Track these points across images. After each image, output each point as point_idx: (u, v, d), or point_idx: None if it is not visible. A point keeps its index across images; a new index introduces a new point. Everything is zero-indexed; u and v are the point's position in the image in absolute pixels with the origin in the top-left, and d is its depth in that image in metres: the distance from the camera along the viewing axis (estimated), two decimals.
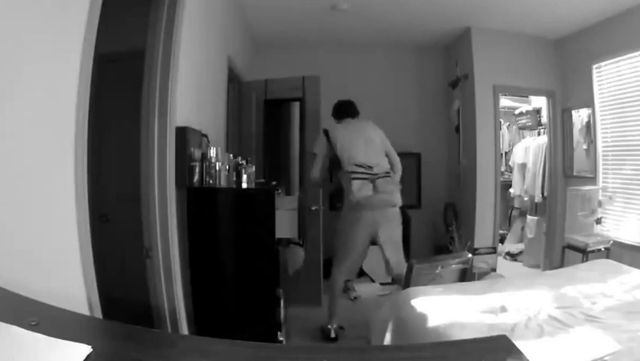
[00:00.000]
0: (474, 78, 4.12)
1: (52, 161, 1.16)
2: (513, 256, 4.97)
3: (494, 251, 4.08)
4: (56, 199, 1.18)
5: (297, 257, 3.05)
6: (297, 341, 2.75)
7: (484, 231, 4.13)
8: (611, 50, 3.60)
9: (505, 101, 5.07)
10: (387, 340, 2.00)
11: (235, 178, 2.19)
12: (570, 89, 4.18)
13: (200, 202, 2.05)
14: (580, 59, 3.98)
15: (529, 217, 4.90)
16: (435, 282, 2.46)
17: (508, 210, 5.52)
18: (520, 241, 5.11)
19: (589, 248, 3.40)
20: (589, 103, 3.88)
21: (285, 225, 2.11)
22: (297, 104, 3.68)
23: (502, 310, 1.90)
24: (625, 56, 3.49)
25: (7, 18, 0.95)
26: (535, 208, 4.88)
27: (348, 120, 3.08)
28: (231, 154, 2.30)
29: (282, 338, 2.21)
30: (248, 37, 4.15)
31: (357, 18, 3.86)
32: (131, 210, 1.94)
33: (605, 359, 1.44)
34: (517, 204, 5.41)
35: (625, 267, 2.47)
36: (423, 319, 1.84)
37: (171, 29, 1.89)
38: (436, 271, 2.55)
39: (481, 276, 3.75)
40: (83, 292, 1.25)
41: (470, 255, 2.81)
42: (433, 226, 4.61)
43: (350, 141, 2.95)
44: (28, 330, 0.65)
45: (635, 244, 3.41)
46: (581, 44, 3.98)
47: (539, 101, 4.98)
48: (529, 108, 5.31)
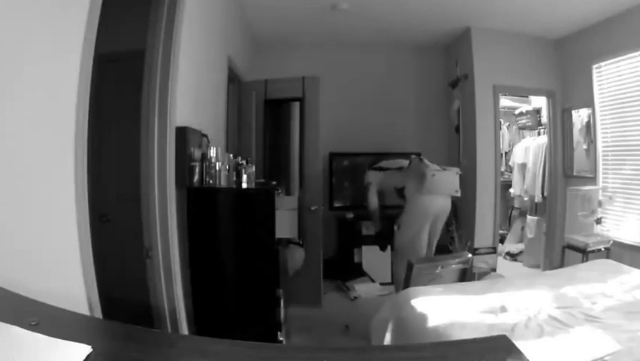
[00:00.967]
0: (474, 78, 4.12)
1: (52, 161, 1.16)
2: (513, 256, 4.97)
3: (494, 251, 4.08)
4: (56, 199, 1.18)
5: (297, 257, 3.05)
6: (297, 341, 2.75)
7: (484, 231, 4.13)
8: (611, 50, 3.60)
9: (505, 101, 5.07)
10: (387, 340, 2.00)
11: (235, 178, 2.19)
12: (570, 89, 4.18)
13: (200, 202, 2.05)
14: (580, 59, 3.98)
15: (529, 217, 4.90)
16: (435, 282, 2.46)
17: (508, 210, 5.52)
18: (520, 241, 5.11)
19: (589, 248, 3.40)
20: (589, 103, 3.88)
21: (285, 225, 2.11)
22: (297, 104, 3.68)
23: (502, 310, 1.90)
24: (625, 56, 3.49)
25: (7, 18, 0.95)
26: (535, 208, 4.88)
27: None
28: (231, 154, 2.30)
29: (282, 338, 2.21)
30: (248, 37, 4.15)
31: (357, 18, 3.86)
32: (131, 210, 1.94)
33: (605, 359, 1.44)
34: (517, 204, 5.41)
35: (625, 267, 2.48)
36: (423, 319, 1.84)
37: (171, 29, 1.89)
38: (436, 271, 2.55)
39: (481, 276, 3.75)
40: (83, 292, 1.25)
41: (470, 255, 2.81)
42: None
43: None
44: (28, 330, 0.65)
45: (635, 244, 3.41)
46: (581, 44, 3.98)
47: (539, 101, 4.98)
48: (529, 108, 5.31)
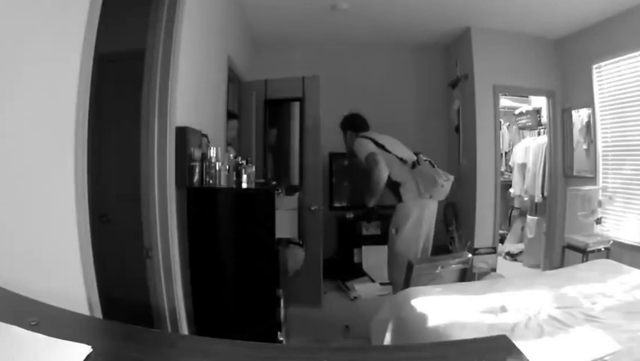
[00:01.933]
0: (474, 78, 4.12)
1: (52, 161, 1.16)
2: (513, 256, 4.97)
3: (494, 251, 4.08)
4: (56, 199, 1.18)
5: (297, 257, 3.05)
6: (297, 341, 2.75)
7: (484, 231, 4.13)
8: (611, 50, 3.60)
9: (505, 101, 5.07)
10: (387, 340, 2.00)
11: (235, 178, 2.18)
12: (570, 89, 4.18)
13: (200, 202, 2.05)
14: (580, 59, 3.98)
15: (529, 217, 4.90)
16: (435, 282, 2.46)
17: (508, 210, 5.52)
18: (520, 241, 5.11)
19: (589, 248, 3.40)
20: (589, 103, 3.88)
21: (285, 225, 2.11)
22: (297, 104, 3.68)
23: (502, 310, 1.90)
24: (625, 56, 3.49)
25: (7, 18, 0.95)
26: (535, 208, 4.88)
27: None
28: (231, 154, 2.30)
29: (282, 338, 2.21)
30: (248, 37, 4.15)
31: (357, 18, 3.86)
32: (131, 210, 1.94)
33: (605, 359, 1.44)
34: (517, 204, 5.41)
35: (625, 267, 2.47)
36: (423, 319, 1.84)
37: (171, 29, 1.89)
38: (436, 271, 2.55)
39: (481, 276, 3.75)
40: (83, 292, 1.25)
41: (470, 255, 2.81)
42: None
43: (394, 142, 3.07)
44: (28, 330, 0.65)
45: (635, 244, 3.41)
46: (581, 44, 3.98)
47: (539, 101, 4.98)
48: (529, 108, 5.31)
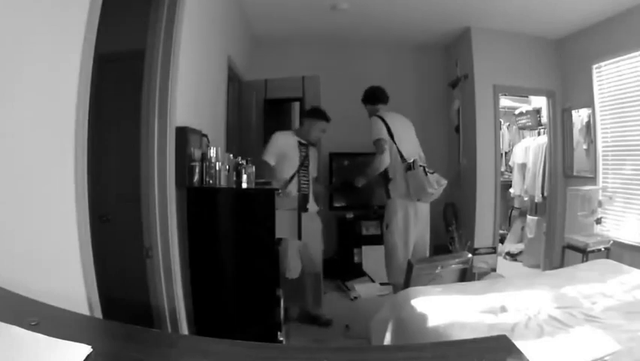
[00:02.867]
0: (474, 78, 4.12)
1: (52, 161, 1.16)
2: (513, 256, 4.97)
3: (494, 251, 4.08)
4: (56, 199, 1.18)
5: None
6: (297, 341, 2.75)
7: (484, 231, 4.13)
8: (611, 50, 3.60)
9: (505, 101, 5.07)
10: (387, 340, 2.00)
11: (235, 178, 2.18)
12: (570, 89, 4.18)
13: (200, 202, 2.05)
14: (580, 59, 3.99)
15: (529, 217, 4.90)
16: (435, 282, 2.46)
17: (508, 210, 5.52)
18: (520, 241, 5.11)
19: (589, 248, 3.40)
20: (589, 103, 3.88)
21: (285, 225, 2.10)
22: (297, 104, 3.69)
23: (502, 310, 1.90)
24: (625, 56, 3.49)
25: (7, 18, 0.95)
26: (535, 208, 4.88)
27: (383, 107, 3.10)
28: (231, 154, 2.30)
29: (282, 338, 2.21)
30: (248, 37, 4.15)
31: (357, 18, 3.86)
32: (131, 210, 1.94)
33: (605, 359, 1.44)
34: (517, 204, 5.41)
35: (625, 267, 2.48)
36: (423, 319, 1.84)
37: (171, 29, 1.89)
38: (436, 271, 2.55)
39: (481, 276, 3.75)
40: (83, 292, 1.25)
41: (470, 255, 2.81)
42: (433, 225, 4.60)
43: (404, 131, 3.03)
44: (28, 330, 0.65)
45: (635, 244, 3.41)
46: (581, 44, 3.98)
47: (539, 101, 4.98)
48: (529, 108, 5.31)
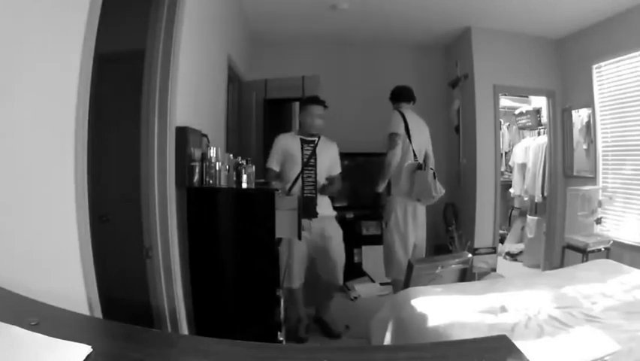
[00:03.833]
0: (474, 78, 4.12)
1: (52, 161, 1.16)
2: (513, 256, 4.97)
3: (494, 251, 4.08)
4: (56, 199, 1.18)
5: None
6: (297, 341, 2.74)
7: (484, 231, 4.13)
8: (611, 50, 3.60)
9: (505, 101, 5.07)
10: (387, 340, 2.00)
11: (235, 178, 2.18)
12: (570, 89, 4.18)
13: (200, 202, 2.05)
14: (580, 59, 3.99)
15: (529, 217, 4.90)
16: (435, 282, 2.46)
17: (508, 210, 5.52)
18: (520, 241, 5.11)
19: (589, 248, 3.40)
20: (589, 103, 3.88)
21: (285, 225, 2.11)
22: (297, 104, 3.68)
23: (502, 310, 1.90)
24: (625, 56, 3.49)
25: (7, 18, 0.95)
26: (535, 208, 4.88)
27: (406, 105, 3.18)
28: (231, 154, 2.30)
29: (282, 338, 2.21)
30: (248, 37, 4.15)
31: (357, 18, 3.86)
32: (131, 210, 1.94)
33: (605, 359, 1.44)
34: (517, 204, 5.41)
35: (625, 267, 2.48)
36: (423, 319, 1.84)
37: (171, 29, 1.89)
38: (436, 271, 2.55)
39: (481, 276, 3.75)
40: (83, 292, 1.25)
41: (470, 255, 2.81)
42: (432, 225, 4.60)
43: (420, 131, 3.11)
44: (28, 330, 0.65)
45: (635, 244, 3.41)
46: (581, 44, 3.98)
47: (539, 101, 4.98)
48: (529, 108, 5.31)
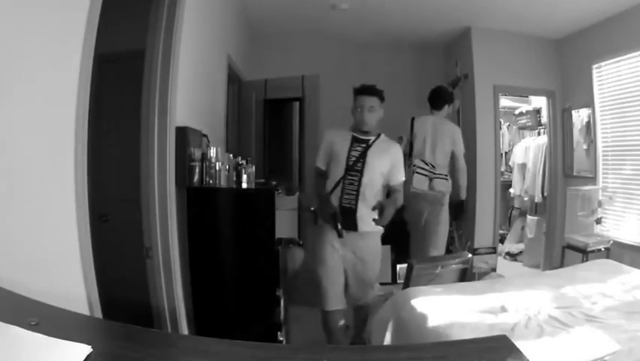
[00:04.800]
0: (474, 78, 4.12)
1: (52, 161, 1.16)
2: (513, 256, 4.97)
3: (494, 251, 4.08)
4: (56, 199, 1.18)
5: (296, 258, 3.05)
6: (297, 341, 2.74)
7: (484, 231, 4.13)
8: (611, 50, 3.60)
9: (505, 101, 5.07)
10: (387, 340, 2.00)
11: (235, 178, 2.18)
12: (570, 89, 4.18)
13: (200, 202, 2.05)
14: (580, 59, 3.98)
15: (529, 217, 4.90)
16: (435, 282, 2.46)
17: (508, 210, 5.52)
18: (520, 241, 5.11)
19: (589, 248, 3.40)
20: (589, 103, 3.88)
21: (285, 225, 2.11)
22: (297, 104, 3.68)
23: (502, 310, 1.90)
24: (625, 56, 3.49)
25: (7, 18, 0.95)
26: (535, 208, 4.88)
27: (433, 112, 3.30)
28: (231, 154, 2.30)
29: (282, 338, 2.21)
30: (248, 37, 4.15)
31: (357, 18, 3.86)
32: (131, 210, 1.94)
33: (605, 359, 1.44)
34: (517, 204, 5.40)
35: (625, 267, 2.47)
36: (423, 319, 1.84)
37: (171, 29, 1.89)
38: (436, 271, 2.54)
39: (481, 276, 3.75)
40: (82, 292, 1.25)
41: (470, 255, 2.81)
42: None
43: (424, 135, 3.21)
44: (28, 330, 0.65)
45: (635, 244, 3.41)
46: (581, 44, 3.98)
47: (539, 101, 4.98)
48: (529, 108, 5.31)
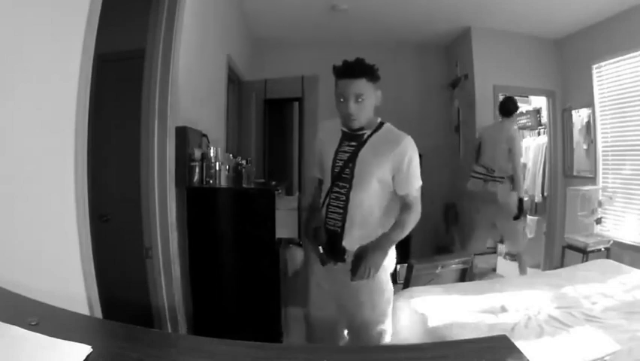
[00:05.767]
0: (474, 78, 4.12)
1: (52, 161, 1.16)
2: (513, 256, 4.96)
3: (494, 251, 4.08)
4: (56, 199, 1.18)
5: (296, 258, 3.05)
6: (297, 341, 2.74)
7: None
8: (611, 50, 3.60)
9: None
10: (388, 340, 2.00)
11: (235, 178, 2.19)
12: (570, 89, 4.18)
13: (200, 202, 2.05)
14: (580, 59, 3.98)
15: (529, 217, 4.89)
16: (435, 282, 2.46)
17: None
18: None
19: (589, 248, 3.40)
20: (589, 103, 3.88)
21: (285, 225, 2.11)
22: (297, 104, 3.69)
23: (502, 310, 1.90)
24: (625, 56, 3.49)
25: (7, 18, 0.95)
26: (535, 208, 4.88)
27: (503, 119, 3.54)
28: (231, 154, 2.30)
29: (282, 338, 2.21)
30: (248, 37, 4.15)
31: (357, 18, 3.86)
32: (131, 210, 1.94)
33: (605, 359, 1.44)
34: None
35: (625, 267, 2.47)
36: (423, 319, 1.84)
37: (171, 29, 1.89)
38: (436, 271, 2.55)
39: (481, 276, 3.75)
40: (82, 292, 1.25)
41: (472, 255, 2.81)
42: (433, 226, 4.60)
43: (487, 141, 3.54)
44: (28, 330, 0.65)
45: (635, 244, 3.41)
46: (581, 44, 3.98)
47: (539, 101, 4.98)
48: (529, 108, 5.31)
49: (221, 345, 0.71)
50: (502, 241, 4.98)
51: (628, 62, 3.48)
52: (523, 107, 5.37)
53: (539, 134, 5.08)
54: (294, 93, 3.56)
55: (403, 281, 2.54)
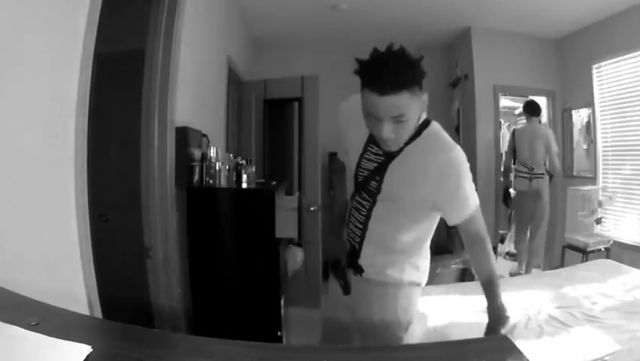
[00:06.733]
0: (474, 78, 4.12)
1: (52, 160, 1.16)
2: (513, 256, 4.96)
3: (494, 251, 4.08)
4: (56, 199, 1.18)
5: (296, 258, 3.05)
6: (297, 341, 2.74)
7: None
8: (611, 50, 3.60)
9: (505, 101, 5.06)
10: None
11: (235, 178, 2.19)
12: (570, 89, 4.18)
13: (200, 202, 2.05)
14: (580, 59, 3.98)
15: None
16: (435, 282, 2.46)
17: (508, 211, 5.51)
18: None
19: (589, 248, 3.40)
20: (589, 103, 3.88)
21: (285, 225, 2.11)
22: (296, 104, 3.68)
23: None
24: (625, 56, 3.49)
25: (7, 18, 0.95)
26: None
27: (530, 119, 3.83)
28: (231, 154, 2.30)
29: (282, 338, 2.21)
30: (248, 37, 4.15)
31: (357, 18, 3.86)
32: (131, 210, 1.94)
33: (605, 359, 1.44)
34: None
35: (625, 267, 2.48)
36: (423, 319, 1.84)
37: (171, 29, 1.89)
38: (436, 271, 2.55)
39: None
40: (83, 292, 1.25)
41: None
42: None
43: (524, 141, 3.76)
44: (28, 330, 0.65)
45: (635, 244, 3.41)
46: (581, 44, 3.98)
47: (539, 101, 4.97)
48: None
49: (221, 345, 0.71)
50: (502, 240, 4.99)
51: (628, 62, 3.48)
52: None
53: None
54: (293, 93, 3.56)
55: None
